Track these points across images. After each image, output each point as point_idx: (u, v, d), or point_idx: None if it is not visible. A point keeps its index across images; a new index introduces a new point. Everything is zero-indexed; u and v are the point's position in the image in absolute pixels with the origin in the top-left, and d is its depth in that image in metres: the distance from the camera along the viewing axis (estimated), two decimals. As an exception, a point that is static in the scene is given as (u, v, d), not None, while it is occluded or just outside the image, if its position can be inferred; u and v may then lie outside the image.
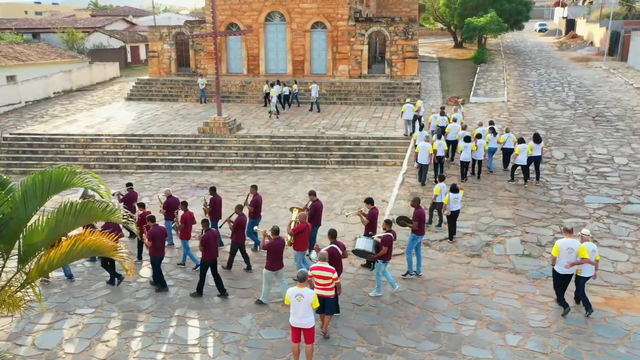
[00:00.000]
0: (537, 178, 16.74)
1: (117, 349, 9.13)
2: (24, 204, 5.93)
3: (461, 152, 17.07)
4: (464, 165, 17.03)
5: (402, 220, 11.42)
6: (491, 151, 17.72)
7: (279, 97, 26.57)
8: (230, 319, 10.01)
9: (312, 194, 12.73)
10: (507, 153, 17.58)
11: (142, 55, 52.06)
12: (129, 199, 13.72)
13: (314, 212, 12.41)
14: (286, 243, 10.85)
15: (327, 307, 9.01)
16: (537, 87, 30.52)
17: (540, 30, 67.50)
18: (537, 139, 16.53)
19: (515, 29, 47.90)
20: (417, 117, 21.74)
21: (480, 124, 19.29)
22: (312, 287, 8.67)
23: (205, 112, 27.57)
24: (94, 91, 36.44)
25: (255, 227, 12.00)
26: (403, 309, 10.29)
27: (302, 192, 17.46)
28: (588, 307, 9.83)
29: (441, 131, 18.52)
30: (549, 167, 18.07)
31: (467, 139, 17.09)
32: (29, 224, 6.02)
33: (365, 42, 30.98)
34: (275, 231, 10.20)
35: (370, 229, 11.61)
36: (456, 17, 47.76)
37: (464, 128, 18.78)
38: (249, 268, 12.05)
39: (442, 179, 14.07)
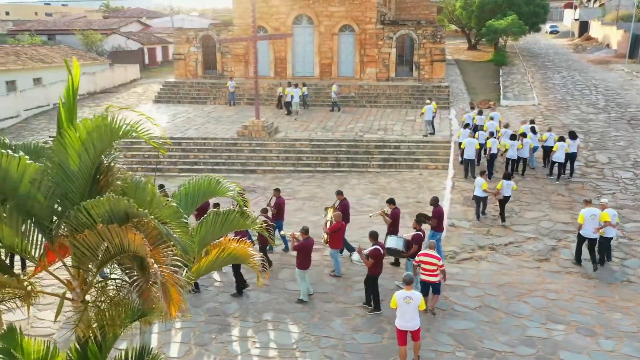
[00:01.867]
0: (571, 174, 17.65)
1: (217, 353, 9.26)
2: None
3: (507, 150, 17.68)
4: (510, 162, 17.74)
5: (422, 218, 11.70)
6: (533, 149, 18.42)
7: (300, 97, 27.46)
8: (320, 323, 10.14)
9: (339, 193, 13.24)
10: (548, 151, 18.30)
11: (159, 57, 52.24)
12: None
13: (342, 211, 12.71)
14: (323, 241, 11.91)
15: (434, 289, 10.05)
16: (564, 90, 30.68)
17: (551, 32, 67.68)
18: (573, 135, 17.53)
19: (532, 31, 48.08)
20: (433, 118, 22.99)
21: (524, 122, 20.16)
22: (415, 275, 9.95)
23: (237, 115, 27.70)
24: (117, 93, 36.54)
25: (282, 232, 12.59)
26: (487, 313, 10.43)
27: (350, 195, 17.55)
28: (602, 261, 12.19)
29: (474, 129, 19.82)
30: (595, 171, 18.26)
31: (512, 137, 17.79)
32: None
33: (393, 45, 31.13)
34: (305, 231, 10.79)
35: (392, 228, 12.11)
36: (473, 20, 47.98)
37: (506, 126, 19.69)
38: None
39: (482, 173, 15.07)
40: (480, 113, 21.45)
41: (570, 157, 17.42)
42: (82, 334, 5.07)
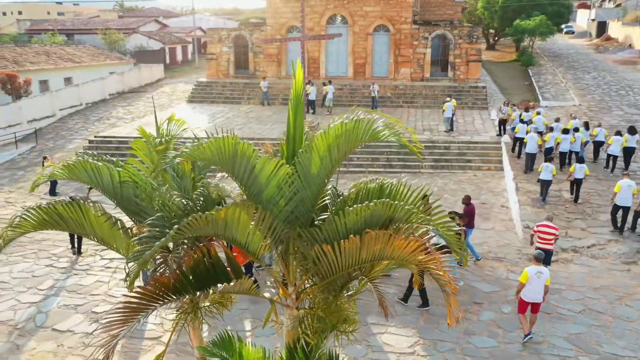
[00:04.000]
0: (626, 167, 18.10)
1: (334, 357, 9.13)
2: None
3: (559, 143, 18.49)
4: (563, 155, 18.54)
5: (452, 215, 11.64)
6: (584, 143, 19.14)
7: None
8: (428, 327, 10.03)
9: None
10: (598, 146, 19.04)
11: (179, 56, 52.11)
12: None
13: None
14: None
15: (547, 258, 10.97)
16: (600, 91, 30.57)
17: (566, 33, 67.51)
18: (632, 131, 18.04)
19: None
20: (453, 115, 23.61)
21: (573, 118, 20.75)
22: (532, 243, 11.82)
23: (277, 115, 27.56)
24: (145, 93, 36.39)
25: None
26: (594, 317, 10.32)
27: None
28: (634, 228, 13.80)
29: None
30: (655, 170, 18.16)
31: (565, 132, 18.60)
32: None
33: (429, 45, 31.02)
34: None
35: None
36: (496, 20, 47.93)
37: (557, 121, 20.73)
38: None
39: (550, 160, 16.37)
40: (526, 110, 22.36)
41: (628, 151, 18.07)
42: (292, 341, 4.96)
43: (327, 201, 5.06)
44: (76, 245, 14.22)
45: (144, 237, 4.03)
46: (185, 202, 4.85)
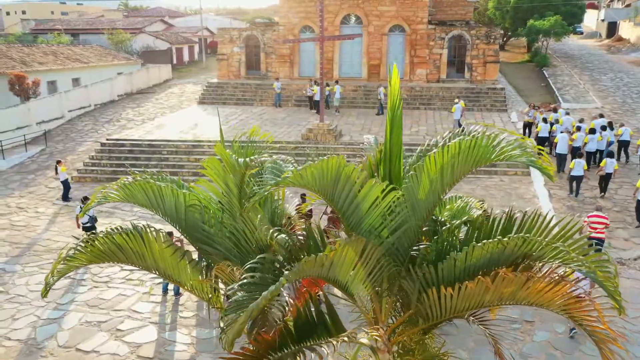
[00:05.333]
0: None
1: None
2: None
3: (586, 143, 18.35)
4: (590, 155, 18.47)
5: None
6: (609, 143, 19.12)
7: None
8: (479, 348, 9.37)
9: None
10: (623, 145, 19.27)
11: (186, 56, 51.43)
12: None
13: None
14: None
15: (599, 245, 11.26)
16: (621, 93, 29.90)
17: (575, 33, 66.77)
18: None
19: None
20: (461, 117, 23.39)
21: (595, 118, 20.82)
22: (581, 233, 11.07)
23: (290, 117, 26.93)
24: (154, 94, 35.72)
25: None
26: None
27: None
28: None
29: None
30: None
31: (592, 131, 18.55)
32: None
33: (445, 46, 30.35)
34: None
35: None
36: (507, 20, 47.22)
37: (580, 121, 20.57)
38: None
39: (580, 155, 16.39)
40: (554, 111, 22.20)
41: None
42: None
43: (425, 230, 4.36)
44: None
45: (244, 284, 3.35)
46: (287, 239, 4.15)
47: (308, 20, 31.26)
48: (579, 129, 19.33)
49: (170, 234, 11.74)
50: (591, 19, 74.01)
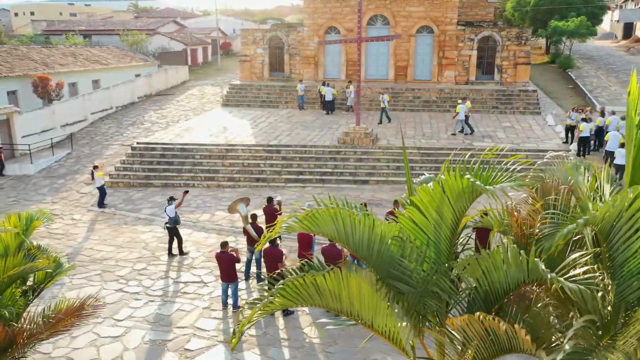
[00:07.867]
0: None
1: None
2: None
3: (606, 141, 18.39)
4: None
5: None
6: None
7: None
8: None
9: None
10: None
11: (200, 58, 50.85)
12: None
13: None
14: None
15: None
16: (654, 95, 29.25)
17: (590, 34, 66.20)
18: None
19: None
20: (467, 117, 22.94)
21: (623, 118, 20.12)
22: None
23: (320, 120, 26.32)
24: (173, 96, 35.15)
25: None
26: None
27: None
28: None
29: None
30: None
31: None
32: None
33: (474, 47, 29.75)
34: None
35: None
36: (527, 21, 46.63)
37: (623, 119, 19.97)
38: None
39: (622, 146, 16.36)
40: (602, 114, 21.93)
41: None
42: None
43: None
44: (177, 248, 14.05)
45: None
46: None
47: (334, 21, 30.66)
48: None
49: (225, 243, 11.18)
50: (605, 20, 73.49)
